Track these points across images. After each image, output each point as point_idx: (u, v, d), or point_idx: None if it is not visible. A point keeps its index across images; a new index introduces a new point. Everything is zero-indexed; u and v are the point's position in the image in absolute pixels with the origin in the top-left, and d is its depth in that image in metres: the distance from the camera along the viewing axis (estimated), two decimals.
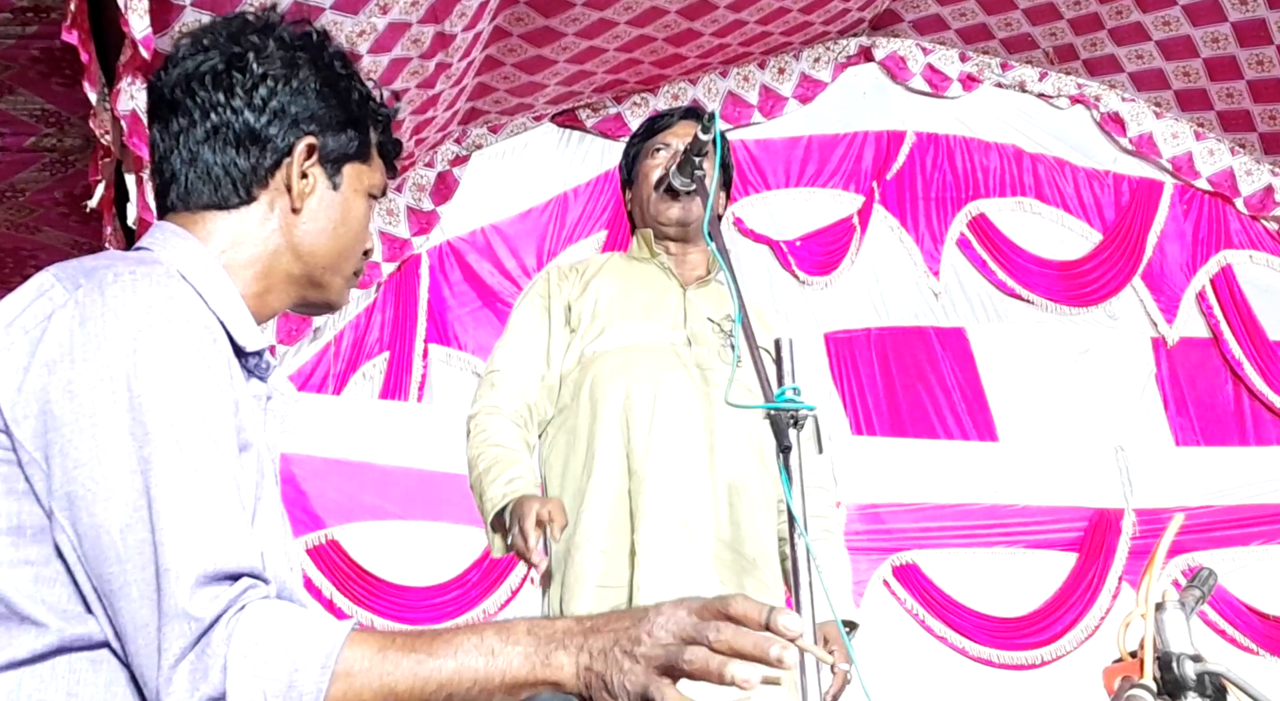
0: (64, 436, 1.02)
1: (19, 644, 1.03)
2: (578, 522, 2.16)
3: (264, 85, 1.27)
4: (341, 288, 1.37)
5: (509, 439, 2.21)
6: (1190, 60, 5.05)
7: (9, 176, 3.36)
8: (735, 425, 2.17)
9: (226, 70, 1.27)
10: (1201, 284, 5.25)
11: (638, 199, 2.35)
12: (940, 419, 4.88)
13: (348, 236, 1.34)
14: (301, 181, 1.30)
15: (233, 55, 1.28)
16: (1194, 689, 1.13)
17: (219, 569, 1.02)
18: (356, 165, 1.36)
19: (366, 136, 1.37)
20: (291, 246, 1.30)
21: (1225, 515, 4.81)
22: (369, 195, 1.38)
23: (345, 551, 4.24)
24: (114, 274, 1.10)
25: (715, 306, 2.29)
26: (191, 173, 1.27)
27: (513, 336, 2.35)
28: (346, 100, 1.34)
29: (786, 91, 5.18)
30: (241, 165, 1.27)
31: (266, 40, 1.30)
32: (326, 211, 1.32)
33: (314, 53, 1.33)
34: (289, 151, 1.29)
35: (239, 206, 1.28)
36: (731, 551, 2.09)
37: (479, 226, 4.81)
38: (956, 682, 4.51)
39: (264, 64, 1.28)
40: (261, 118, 1.27)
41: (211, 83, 1.27)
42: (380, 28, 3.48)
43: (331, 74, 1.33)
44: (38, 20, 2.78)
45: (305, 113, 1.29)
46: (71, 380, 1.04)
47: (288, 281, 1.31)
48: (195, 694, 0.98)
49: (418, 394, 4.56)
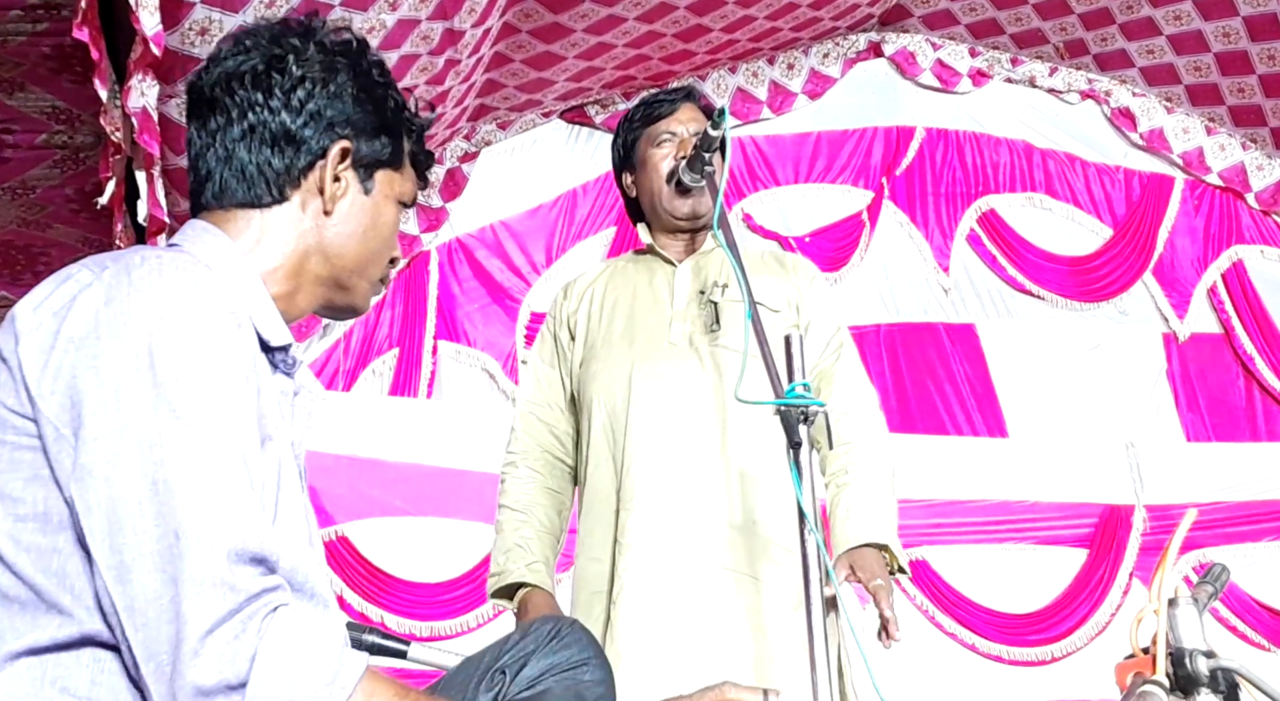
0: (88, 409, 1.03)
1: (43, 631, 1.04)
2: (579, 533, 2.21)
3: (302, 87, 1.29)
4: (367, 293, 1.38)
5: (523, 500, 2.25)
6: (1201, 55, 5.04)
7: (20, 173, 3.37)
8: (738, 403, 2.14)
9: (266, 71, 1.29)
10: (1213, 279, 5.24)
11: (645, 189, 2.34)
12: (950, 415, 4.88)
13: (377, 241, 1.36)
14: (334, 184, 1.31)
15: (273, 57, 1.30)
16: (1207, 684, 1.13)
17: (250, 549, 1.03)
18: (389, 172, 1.37)
19: (400, 144, 1.39)
20: (321, 248, 1.31)
21: (1236, 511, 4.80)
22: (399, 203, 1.40)
23: (355, 547, 4.24)
24: (141, 257, 1.12)
25: (714, 271, 2.28)
26: (226, 170, 1.28)
27: (528, 374, 2.40)
28: (382, 107, 1.36)
29: (796, 87, 5.17)
30: (276, 165, 1.28)
31: (307, 44, 1.32)
32: (357, 215, 1.34)
33: (353, 59, 1.35)
34: (323, 154, 1.30)
35: (271, 205, 1.29)
36: (743, 532, 2.07)
37: (488, 223, 4.82)
38: (967, 679, 4.50)
39: (303, 67, 1.30)
40: (298, 119, 1.29)
41: (251, 82, 1.28)
42: (389, 24, 3.48)
43: (369, 81, 1.35)
44: (49, 17, 2.79)
45: (341, 117, 1.31)
46: (97, 355, 1.05)
47: (315, 283, 1.32)
48: (218, 675, 0.98)
49: (427, 390, 4.56)
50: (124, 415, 1.03)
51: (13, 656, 1.04)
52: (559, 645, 1.47)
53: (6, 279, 3.82)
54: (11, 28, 2.82)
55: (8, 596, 1.05)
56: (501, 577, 2.18)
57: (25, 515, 1.06)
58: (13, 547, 1.05)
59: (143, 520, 1.01)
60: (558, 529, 2.28)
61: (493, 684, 1.44)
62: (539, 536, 2.22)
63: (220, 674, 0.98)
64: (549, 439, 2.31)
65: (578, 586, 2.18)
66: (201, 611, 0.99)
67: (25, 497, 1.06)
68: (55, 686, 1.03)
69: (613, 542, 2.09)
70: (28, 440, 1.06)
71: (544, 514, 2.24)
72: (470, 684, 1.44)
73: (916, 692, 4.33)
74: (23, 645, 1.04)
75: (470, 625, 4.22)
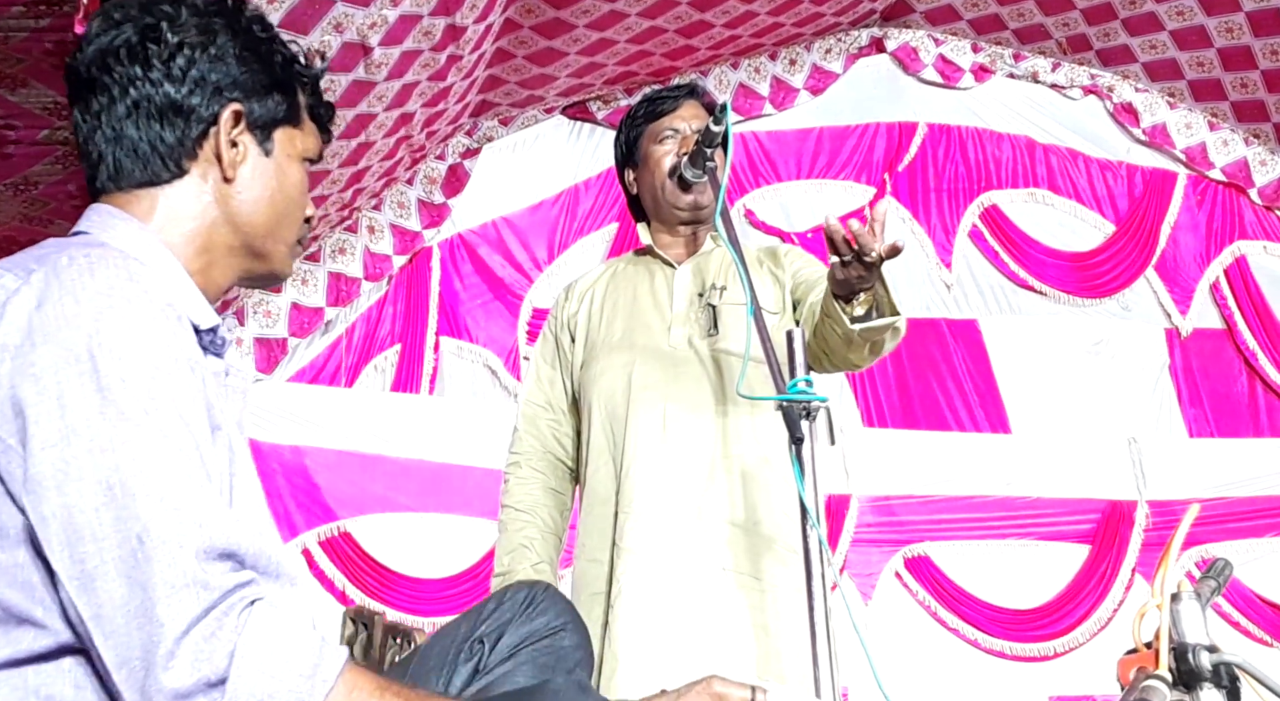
0: (31, 418, 1.00)
1: (18, 644, 1.02)
2: (578, 532, 2.22)
3: (181, 54, 1.23)
4: (285, 256, 1.33)
5: (527, 501, 2.26)
6: (1204, 50, 5.03)
7: (22, 169, 3.37)
8: (737, 400, 2.14)
9: (141, 43, 1.23)
10: (1215, 275, 5.23)
11: (647, 185, 2.34)
12: (952, 410, 4.88)
13: (285, 203, 1.31)
14: (232, 151, 1.26)
15: (146, 27, 1.23)
16: (1209, 679, 1.13)
17: (219, 545, 1.01)
18: (288, 130, 1.32)
19: (295, 99, 1.33)
20: (229, 217, 1.26)
21: (1239, 506, 4.80)
22: (304, 160, 1.35)
23: (357, 543, 4.25)
24: (68, 257, 1.07)
25: (713, 273, 2.28)
26: (118, 151, 1.23)
27: (531, 374, 2.41)
28: (269, 64, 1.29)
29: (798, 83, 5.17)
30: (168, 139, 1.23)
31: (179, 8, 1.25)
32: (261, 179, 1.28)
33: (230, 18, 1.28)
34: (215, 120, 1.25)
35: (171, 181, 1.24)
36: (745, 533, 2.07)
37: (490, 219, 4.82)
38: (969, 674, 4.51)
39: (179, 33, 1.24)
40: (182, 88, 1.23)
41: (127, 57, 1.22)
42: (391, 20, 3.48)
43: (251, 38, 1.28)
44: (50, 14, 2.79)
45: (227, 79, 1.25)
46: (34, 363, 1.01)
47: (229, 253, 1.27)
48: (195, 674, 0.96)
49: (429, 386, 4.57)
50: (70, 421, 0.99)
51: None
52: (535, 612, 1.47)
53: None
54: (14, 23, 2.82)
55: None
56: (506, 577, 2.19)
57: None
58: None
59: (101, 527, 0.98)
60: (561, 529, 2.29)
61: (472, 653, 1.44)
62: (543, 537, 2.23)
63: (198, 672, 0.96)
64: (551, 439, 2.32)
65: (577, 586, 2.18)
66: (176, 613, 0.97)
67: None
68: (39, 695, 1.01)
69: (611, 545, 2.10)
70: None
71: (548, 514, 2.26)
72: (448, 655, 1.44)
73: (919, 688, 4.33)
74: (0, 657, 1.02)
75: None
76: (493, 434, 4.09)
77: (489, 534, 4.10)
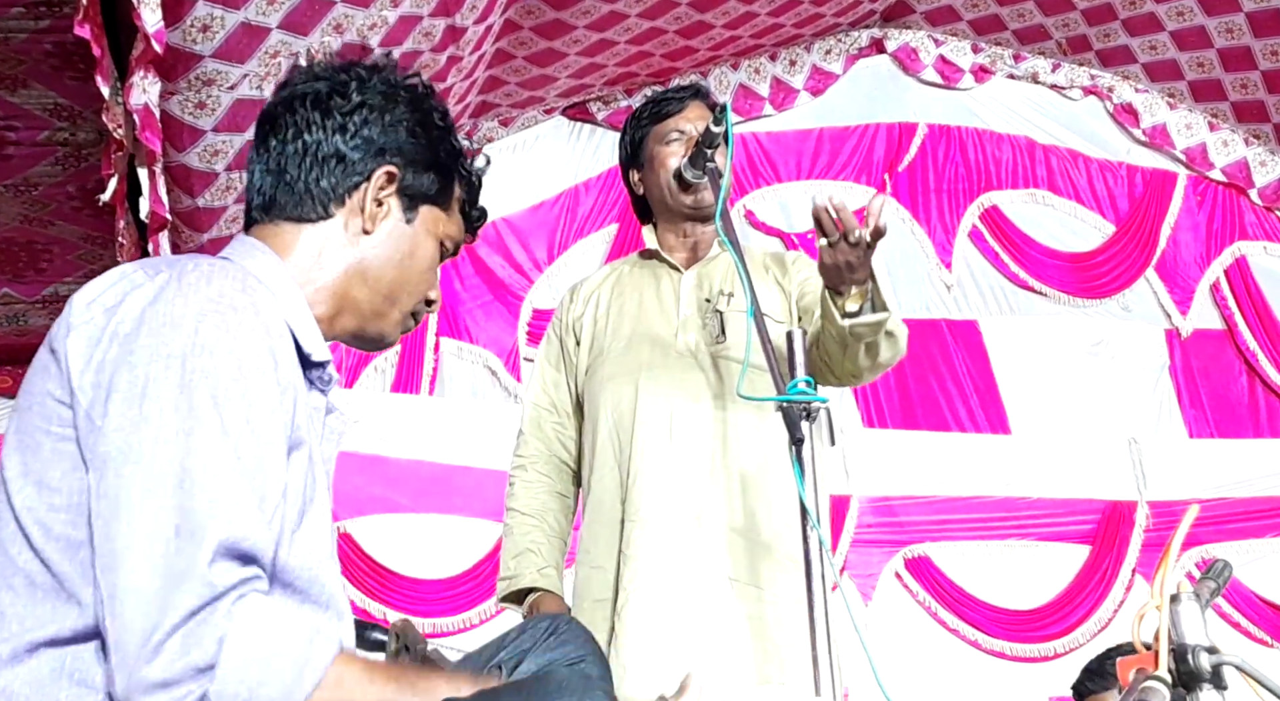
0: (114, 401, 1.05)
1: (64, 621, 1.05)
2: (582, 537, 2.23)
3: (359, 113, 1.33)
4: (397, 323, 1.38)
5: (533, 504, 2.27)
6: (1204, 51, 5.03)
7: (22, 171, 3.37)
8: (741, 405, 2.14)
9: (329, 94, 1.33)
10: (1215, 275, 5.23)
11: (651, 185, 2.35)
12: (952, 411, 4.87)
13: (413, 270, 1.37)
14: (376, 207, 1.33)
15: (338, 83, 1.34)
16: (1209, 680, 1.13)
17: (238, 546, 1.04)
18: (434, 209, 1.39)
19: (450, 185, 1.41)
20: (360, 268, 1.32)
21: (1239, 507, 4.79)
22: (441, 243, 1.41)
23: (357, 544, 4.25)
24: (194, 264, 1.14)
25: (719, 279, 2.28)
26: (277, 184, 1.32)
27: (535, 377, 2.42)
28: (436, 145, 1.38)
29: (798, 84, 5.17)
30: (323, 183, 1.31)
31: (372, 75, 1.36)
32: (395, 241, 1.35)
33: (416, 96, 1.38)
34: (369, 176, 1.33)
35: (315, 221, 1.32)
36: (745, 539, 2.08)
37: (490, 220, 4.81)
38: (969, 675, 4.50)
39: (364, 94, 1.34)
40: (350, 142, 1.32)
41: (311, 103, 1.33)
42: (391, 20, 3.48)
43: (427, 118, 1.37)
44: (50, 14, 2.79)
45: (392, 145, 1.34)
46: (133, 351, 1.07)
47: (355, 306, 1.33)
48: (184, 658, 0.98)
49: (429, 387, 4.57)
50: (145, 408, 1.04)
51: (34, 647, 1.05)
52: (556, 641, 1.48)
53: (9, 276, 3.82)
54: (14, 24, 2.82)
55: (34, 583, 1.07)
56: (513, 582, 2.19)
57: (59, 505, 1.07)
58: (42, 536, 1.07)
59: (143, 511, 1.02)
60: (565, 532, 2.30)
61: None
62: (549, 541, 2.24)
63: (187, 658, 0.98)
64: (556, 442, 2.33)
65: (579, 593, 2.19)
66: (175, 603, 1.00)
67: (62, 488, 1.08)
68: (73, 679, 1.04)
69: (618, 553, 2.10)
70: (70, 431, 1.08)
71: (554, 518, 2.27)
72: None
73: (919, 688, 4.33)
74: (45, 635, 1.05)
75: (473, 621, 4.23)
76: (493, 435, 4.09)
77: (489, 535, 4.09)
